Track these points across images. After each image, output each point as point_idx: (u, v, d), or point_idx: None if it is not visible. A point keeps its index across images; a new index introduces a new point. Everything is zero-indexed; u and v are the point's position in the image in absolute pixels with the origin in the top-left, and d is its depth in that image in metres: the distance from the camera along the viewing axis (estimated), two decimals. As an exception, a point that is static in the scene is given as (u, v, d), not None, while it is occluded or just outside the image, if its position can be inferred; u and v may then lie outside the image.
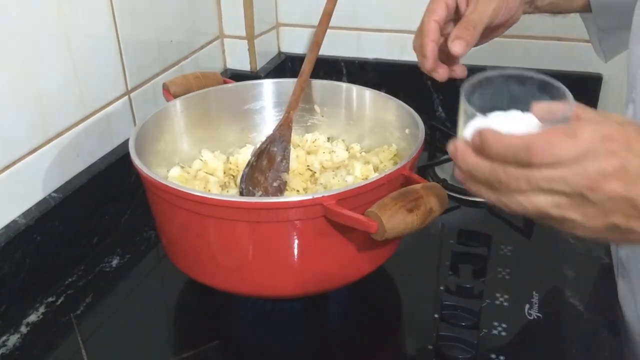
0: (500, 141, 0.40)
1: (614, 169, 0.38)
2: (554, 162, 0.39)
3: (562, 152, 0.38)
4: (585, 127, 0.39)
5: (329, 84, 0.79)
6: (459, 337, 0.58)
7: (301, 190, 0.69)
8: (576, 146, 0.38)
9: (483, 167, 0.41)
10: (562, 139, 0.39)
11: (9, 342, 0.62)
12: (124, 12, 0.78)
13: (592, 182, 0.39)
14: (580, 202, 0.40)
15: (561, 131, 0.39)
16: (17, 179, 0.66)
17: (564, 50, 1.00)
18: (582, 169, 0.39)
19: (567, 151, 0.38)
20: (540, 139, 0.39)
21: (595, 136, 0.39)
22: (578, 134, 0.39)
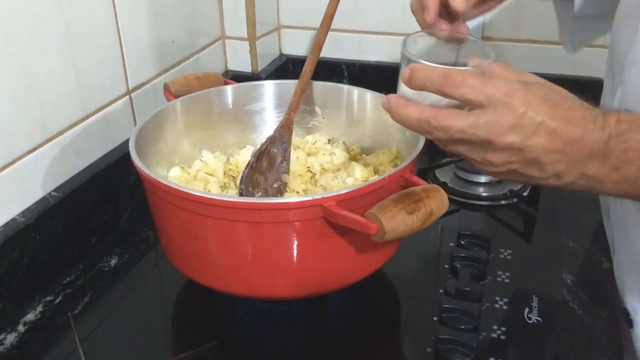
0: (425, 69, 0.47)
1: (510, 123, 0.44)
2: (460, 96, 0.45)
3: (468, 91, 0.45)
4: (495, 80, 0.45)
5: (330, 85, 0.79)
6: (458, 340, 0.58)
7: (301, 191, 0.69)
8: (482, 92, 0.44)
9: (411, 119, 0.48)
10: (473, 78, 0.45)
11: (6, 341, 0.61)
12: (125, 12, 0.78)
13: (490, 134, 0.45)
14: (486, 149, 0.46)
15: (477, 74, 0.46)
16: (17, 177, 0.65)
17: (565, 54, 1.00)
18: (482, 121, 0.45)
19: (473, 91, 0.45)
20: (457, 72, 0.46)
21: (499, 90, 0.44)
22: (486, 84, 0.45)
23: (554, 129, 0.44)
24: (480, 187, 0.86)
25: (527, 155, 0.45)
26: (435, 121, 0.47)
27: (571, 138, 0.44)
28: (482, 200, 0.85)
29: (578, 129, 0.44)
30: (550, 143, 0.44)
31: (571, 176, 0.46)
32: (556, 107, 0.44)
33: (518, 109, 0.44)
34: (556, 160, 0.45)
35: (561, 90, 0.47)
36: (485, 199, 0.85)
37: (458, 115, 0.46)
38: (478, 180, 0.87)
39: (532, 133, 0.44)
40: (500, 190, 0.86)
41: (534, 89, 0.45)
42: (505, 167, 0.47)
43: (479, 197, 0.85)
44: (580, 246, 0.75)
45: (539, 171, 0.46)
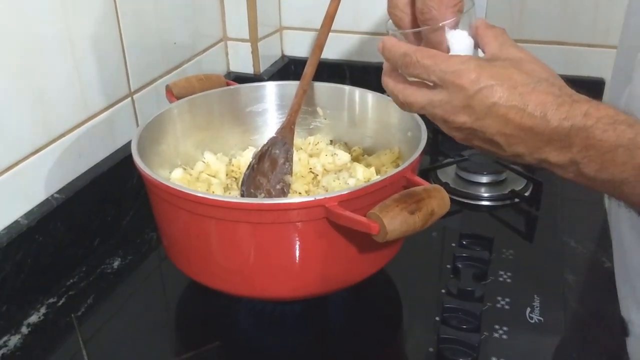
0: (391, 47, 0.47)
1: (461, 103, 0.44)
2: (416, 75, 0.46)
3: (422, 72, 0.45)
4: (451, 60, 0.44)
5: (331, 86, 0.79)
6: (460, 340, 0.58)
7: (303, 192, 0.69)
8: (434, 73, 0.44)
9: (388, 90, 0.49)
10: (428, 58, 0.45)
11: (10, 343, 0.62)
12: (127, 13, 0.79)
13: (445, 113, 0.45)
14: (446, 126, 0.46)
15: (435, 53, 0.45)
16: (20, 179, 0.66)
17: (567, 54, 1.00)
18: (437, 99, 0.45)
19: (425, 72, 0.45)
20: (414, 52, 0.45)
21: (449, 70, 0.44)
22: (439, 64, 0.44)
23: (505, 114, 0.43)
24: (482, 188, 0.86)
25: (481, 135, 0.45)
26: (402, 96, 0.47)
27: (524, 124, 0.42)
28: (484, 201, 0.85)
29: (533, 116, 0.42)
30: (502, 127, 0.43)
31: (532, 159, 0.45)
32: (513, 89, 0.42)
33: (469, 89, 0.43)
34: (514, 143, 0.44)
35: (532, 70, 0.44)
36: (487, 199, 0.85)
37: (420, 91, 0.46)
38: (480, 181, 0.87)
39: (484, 115, 0.43)
40: (502, 191, 0.86)
41: (494, 68, 0.43)
42: (468, 142, 0.47)
43: (481, 197, 0.86)
44: (582, 246, 0.75)
45: (500, 150, 0.45)
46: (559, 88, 0.43)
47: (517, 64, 0.44)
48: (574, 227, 0.79)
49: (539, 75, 0.44)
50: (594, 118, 0.41)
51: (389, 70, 0.49)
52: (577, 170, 0.43)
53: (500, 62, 0.45)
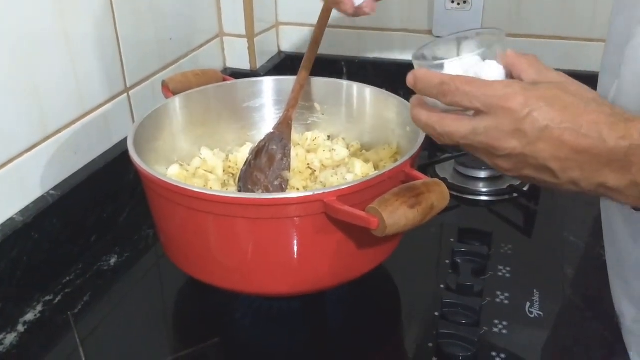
0: (424, 77, 0.45)
1: (510, 128, 0.42)
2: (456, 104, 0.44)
3: (463, 99, 0.43)
4: (493, 85, 0.43)
5: (329, 81, 0.78)
6: (460, 335, 0.58)
7: (301, 188, 0.69)
8: (477, 99, 0.42)
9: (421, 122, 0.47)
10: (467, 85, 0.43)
11: (6, 341, 0.61)
12: (123, 9, 0.78)
13: (491, 140, 0.43)
14: (492, 155, 0.44)
15: (473, 80, 0.44)
16: (15, 176, 0.65)
17: (565, 49, 1.00)
18: (482, 127, 0.43)
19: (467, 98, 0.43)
20: (451, 80, 0.44)
21: (494, 95, 0.42)
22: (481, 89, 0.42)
23: (559, 136, 0.41)
24: (481, 183, 0.86)
25: (533, 162, 0.42)
26: (439, 127, 0.45)
27: (581, 146, 0.40)
28: (483, 196, 0.85)
29: (589, 136, 0.40)
30: (557, 150, 0.41)
31: (589, 184, 0.42)
32: (565, 110, 0.41)
33: (518, 113, 0.41)
34: (568, 168, 0.42)
35: (578, 91, 0.43)
36: (486, 194, 0.85)
37: (460, 121, 0.44)
38: (478, 176, 0.87)
39: (536, 139, 0.41)
40: (500, 186, 0.86)
41: (540, 91, 0.42)
42: (517, 172, 0.44)
43: (480, 192, 0.85)
44: (581, 240, 0.75)
45: (553, 177, 0.43)
46: (610, 107, 0.42)
47: (562, 86, 0.43)
48: (573, 221, 0.79)
49: (586, 95, 0.43)
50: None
51: (418, 103, 0.48)
52: (637, 193, 0.41)
53: (544, 85, 0.43)
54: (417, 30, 1.04)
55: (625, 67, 0.53)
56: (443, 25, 1.01)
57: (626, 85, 0.52)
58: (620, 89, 0.53)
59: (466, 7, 0.99)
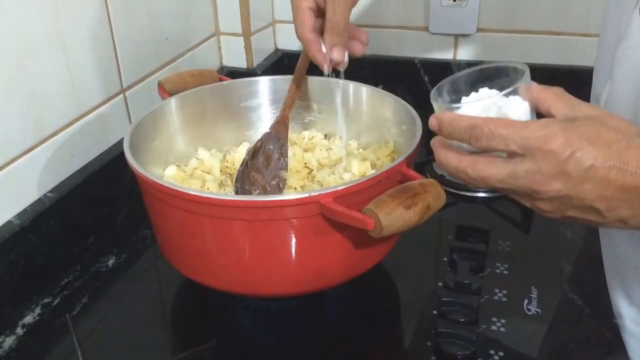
0: (450, 122, 0.44)
1: (553, 171, 0.40)
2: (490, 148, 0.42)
3: (498, 142, 0.41)
4: (529, 126, 0.41)
5: (325, 80, 0.78)
6: (458, 333, 0.58)
7: (299, 187, 0.69)
8: (514, 141, 0.41)
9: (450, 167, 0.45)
10: (501, 128, 0.41)
11: (4, 344, 0.61)
12: (118, 9, 0.78)
13: (533, 183, 0.41)
14: (532, 198, 0.42)
15: (506, 121, 0.42)
16: (12, 179, 0.65)
17: (561, 44, 1.00)
18: (522, 170, 0.41)
19: (503, 142, 0.41)
20: (483, 124, 0.42)
21: (532, 136, 0.40)
22: (517, 132, 0.40)
23: (605, 175, 0.39)
24: (478, 180, 0.86)
25: (578, 203, 0.41)
26: (472, 171, 0.43)
27: (629, 185, 0.39)
28: (480, 192, 0.85)
29: (637, 174, 0.39)
30: (603, 190, 0.40)
31: (637, 223, 0.41)
32: (608, 148, 0.39)
33: (560, 154, 0.39)
34: (616, 207, 0.40)
35: (619, 126, 0.41)
36: (483, 191, 0.85)
37: (496, 164, 0.42)
38: (475, 173, 0.87)
39: (582, 180, 0.39)
40: (497, 182, 0.86)
41: (580, 128, 0.40)
42: (560, 214, 0.43)
43: (476, 189, 0.85)
44: (579, 236, 0.75)
45: (600, 217, 0.41)
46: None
47: (602, 122, 0.41)
48: (571, 218, 0.79)
49: (627, 129, 0.41)
50: None
51: (442, 145, 0.45)
52: None
53: (582, 121, 0.41)
54: (413, 27, 1.04)
55: (617, 68, 0.53)
56: (439, 22, 1.01)
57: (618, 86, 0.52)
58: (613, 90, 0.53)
59: (462, 4, 0.99)
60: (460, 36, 1.02)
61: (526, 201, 0.44)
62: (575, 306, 0.65)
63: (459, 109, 0.45)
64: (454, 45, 1.04)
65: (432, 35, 1.03)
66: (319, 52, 0.63)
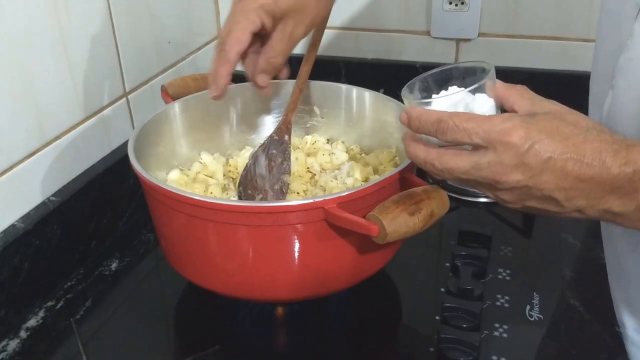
0: (418, 116, 0.46)
1: (513, 162, 0.42)
2: (456, 141, 0.44)
3: (462, 136, 0.43)
4: (492, 120, 0.43)
5: (328, 85, 0.78)
6: (460, 339, 0.58)
7: (301, 192, 0.69)
8: (477, 135, 0.43)
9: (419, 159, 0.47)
10: (465, 122, 0.43)
11: (8, 347, 0.61)
12: (121, 13, 0.78)
13: (494, 174, 0.43)
14: (494, 188, 0.44)
15: (470, 115, 0.44)
16: (15, 183, 0.65)
17: (560, 49, 1.00)
18: (484, 162, 0.43)
19: (467, 135, 0.43)
20: (449, 118, 0.44)
21: (494, 130, 0.42)
22: (481, 126, 0.43)
23: (563, 166, 0.41)
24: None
25: (537, 193, 0.43)
26: (439, 163, 0.45)
27: (585, 175, 0.41)
28: (482, 198, 0.85)
29: (592, 165, 0.41)
30: (561, 181, 0.41)
31: (595, 211, 0.43)
32: (566, 141, 0.41)
33: (520, 146, 0.41)
34: (573, 197, 0.42)
35: (577, 120, 0.43)
36: (485, 196, 0.85)
37: (461, 156, 0.44)
38: (477, 177, 0.87)
39: (540, 171, 0.42)
40: (499, 187, 0.86)
41: (540, 122, 0.42)
42: (520, 204, 0.45)
43: (479, 194, 0.85)
44: (580, 242, 0.76)
45: (559, 207, 0.43)
46: (610, 134, 0.42)
47: (560, 116, 0.43)
48: (572, 223, 0.79)
49: (585, 124, 0.43)
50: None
51: (412, 139, 0.48)
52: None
53: (542, 116, 0.43)
54: (414, 31, 1.04)
55: (620, 79, 0.52)
56: (441, 26, 1.01)
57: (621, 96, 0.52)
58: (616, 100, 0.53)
59: (464, 8, 0.99)
60: (462, 41, 1.03)
61: (489, 192, 0.45)
62: (576, 312, 0.65)
63: (429, 104, 0.47)
64: (456, 50, 1.04)
65: (433, 39, 1.03)
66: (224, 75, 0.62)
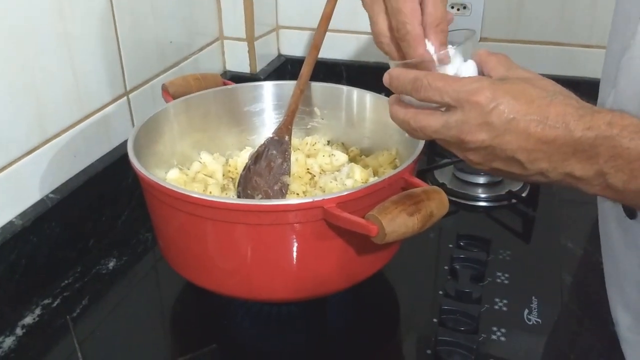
0: (399, 75, 0.47)
1: (478, 121, 0.43)
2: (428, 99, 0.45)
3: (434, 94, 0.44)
4: (462, 80, 0.44)
5: (329, 86, 0.79)
6: (458, 342, 0.58)
7: (301, 193, 0.69)
8: (447, 94, 0.44)
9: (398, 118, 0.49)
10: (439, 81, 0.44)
11: (4, 345, 0.61)
12: (123, 12, 0.78)
13: (461, 133, 0.44)
14: (462, 148, 0.45)
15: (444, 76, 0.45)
16: (14, 180, 0.65)
17: (563, 55, 1.00)
18: (452, 120, 0.44)
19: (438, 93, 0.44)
20: (424, 76, 0.45)
21: (463, 89, 0.43)
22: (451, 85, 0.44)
23: (526, 128, 0.42)
24: (479, 188, 0.86)
25: (501, 154, 0.44)
26: (414, 122, 0.47)
27: (547, 137, 0.42)
28: (481, 202, 0.85)
29: (555, 127, 0.41)
30: (524, 142, 0.42)
31: (557, 175, 0.43)
32: (531, 103, 0.42)
33: (485, 106, 0.42)
34: (536, 159, 0.43)
35: (545, 85, 0.44)
36: (484, 200, 0.85)
37: (433, 115, 0.46)
38: (477, 182, 0.87)
39: (503, 131, 0.42)
40: (499, 191, 0.86)
41: (507, 85, 0.43)
42: (487, 165, 0.46)
43: (478, 198, 0.85)
44: (579, 247, 0.75)
45: (522, 169, 0.44)
46: (577, 100, 0.43)
47: (529, 81, 0.44)
48: (571, 228, 0.79)
49: (553, 89, 0.44)
50: (619, 127, 0.40)
51: (395, 101, 0.49)
52: (604, 182, 0.42)
53: (512, 79, 0.44)
54: (416, 35, 1.05)
55: (621, 77, 0.53)
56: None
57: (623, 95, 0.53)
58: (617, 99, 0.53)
59: (466, 12, 0.99)
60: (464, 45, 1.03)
61: (458, 152, 0.46)
62: (575, 316, 0.65)
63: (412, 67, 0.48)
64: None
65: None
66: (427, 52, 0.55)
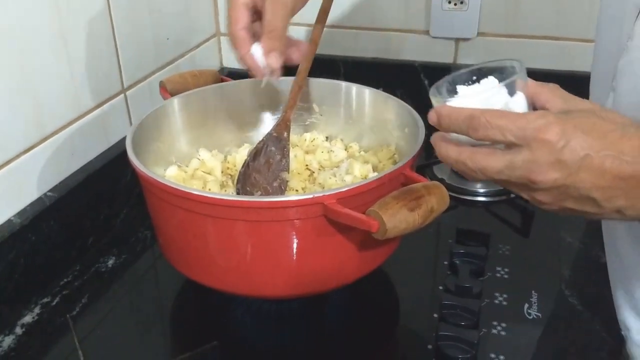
0: (450, 114, 0.44)
1: (549, 160, 0.40)
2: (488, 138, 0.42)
3: (495, 133, 0.41)
4: (526, 117, 0.41)
5: (328, 82, 0.78)
6: (459, 336, 0.58)
7: (300, 190, 0.69)
8: (510, 132, 0.41)
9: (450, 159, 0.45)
10: (498, 118, 0.41)
11: (3, 344, 0.61)
12: (120, 9, 0.78)
13: (530, 173, 0.41)
14: (530, 189, 0.42)
15: (503, 112, 0.42)
16: (12, 178, 0.65)
17: (558, 49, 1.00)
18: (519, 160, 0.41)
19: (500, 132, 0.41)
20: (481, 114, 0.42)
21: (529, 127, 0.40)
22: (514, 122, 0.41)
23: (600, 164, 0.39)
24: (478, 183, 0.86)
25: (574, 193, 0.41)
26: (471, 163, 0.43)
27: (624, 173, 0.39)
28: (480, 197, 0.85)
29: (632, 162, 0.39)
30: (599, 179, 0.40)
31: (635, 212, 0.41)
32: (604, 138, 0.40)
33: (556, 143, 0.40)
34: (612, 197, 0.40)
35: (613, 117, 0.41)
36: (483, 194, 0.85)
37: (494, 155, 0.42)
38: (475, 176, 0.87)
39: (577, 169, 0.40)
40: (497, 186, 0.86)
41: (576, 119, 0.40)
42: (558, 205, 0.43)
43: (477, 193, 0.85)
44: (578, 241, 0.76)
45: (597, 207, 0.41)
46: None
47: (595, 113, 0.41)
48: (570, 222, 0.79)
49: (621, 121, 0.41)
50: None
51: (442, 138, 0.46)
52: None
53: (576, 113, 0.42)
54: (414, 30, 1.04)
55: (621, 81, 0.52)
56: (440, 25, 1.01)
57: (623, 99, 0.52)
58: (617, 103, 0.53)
59: (463, 7, 0.99)
60: (461, 40, 1.03)
61: (524, 193, 0.43)
62: (575, 310, 0.65)
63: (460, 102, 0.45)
64: (455, 49, 1.04)
65: (432, 38, 1.03)
66: (248, 55, 0.59)
